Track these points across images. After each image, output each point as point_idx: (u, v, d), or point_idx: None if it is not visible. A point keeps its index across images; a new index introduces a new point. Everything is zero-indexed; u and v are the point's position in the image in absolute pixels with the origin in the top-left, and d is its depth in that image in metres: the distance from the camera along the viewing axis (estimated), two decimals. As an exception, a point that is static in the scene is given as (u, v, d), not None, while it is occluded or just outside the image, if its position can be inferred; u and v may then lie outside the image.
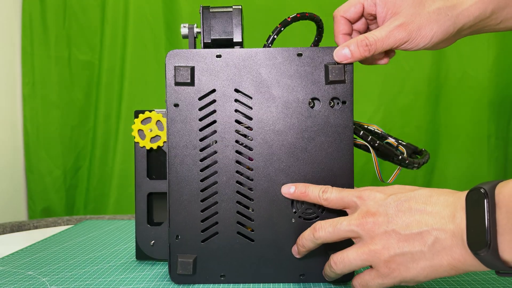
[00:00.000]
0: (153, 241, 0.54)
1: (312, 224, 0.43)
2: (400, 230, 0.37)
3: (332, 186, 0.45)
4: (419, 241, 0.36)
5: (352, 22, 0.49)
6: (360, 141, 0.48)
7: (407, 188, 0.40)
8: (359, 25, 0.51)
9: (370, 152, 0.48)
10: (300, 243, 0.44)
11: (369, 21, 0.50)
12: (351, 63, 0.46)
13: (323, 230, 0.41)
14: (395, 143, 0.51)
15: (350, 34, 0.50)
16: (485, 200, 0.32)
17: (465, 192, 0.35)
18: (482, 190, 0.32)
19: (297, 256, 0.46)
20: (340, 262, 0.40)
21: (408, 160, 0.49)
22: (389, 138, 0.51)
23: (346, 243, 0.41)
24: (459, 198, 0.35)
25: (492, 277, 0.48)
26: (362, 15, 0.49)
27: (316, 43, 0.53)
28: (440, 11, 0.44)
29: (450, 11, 0.44)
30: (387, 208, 0.38)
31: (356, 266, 0.39)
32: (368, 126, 0.51)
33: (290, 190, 0.45)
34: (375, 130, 0.51)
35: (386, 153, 0.48)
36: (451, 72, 1.19)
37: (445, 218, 0.35)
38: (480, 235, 0.32)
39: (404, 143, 0.51)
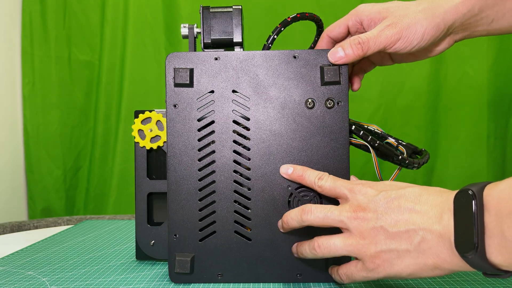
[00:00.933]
0: (153, 241, 0.54)
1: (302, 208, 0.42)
2: (388, 227, 0.37)
3: None
4: (406, 239, 0.36)
5: (336, 41, 0.51)
6: (360, 141, 0.48)
7: (398, 185, 0.40)
8: None
9: (370, 152, 0.48)
10: (285, 220, 0.44)
11: None
12: (346, 65, 0.46)
13: (312, 214, 0.41)
14: (395, 143, 0.51)
15: None
16: (473, 202, 0.31)
17: (454, 192, 0.34)
18: (470, 192, 0.32)
19: (281, 231, 0.46)
20: (325, 247, 0.40)
21: (408, 160, 0.49)
22: (389, 138, 0.51)
23: (334, 230, 0.41)
24: (447, 199, 0.35)
25: (491, 277, 0.48)
26: (346, 36, 0.50)
27: (316, 43, 0.53)
28: (427, 10, 0.45)
29: (436, 9, 0.45)
30: (376, 204, 0.38)
31: (339, 255, 0.40)
32: (368, 126, 0.51)
33: (288, 171, 0.46)
34: (375, 130, 0.51)
35: (386, 153, 0.48)
36: (450, 72, 1.19)
37: (432, 219, 0.35)
38: (468, 238, 0.31)
39: (404, 143, 0.51)
